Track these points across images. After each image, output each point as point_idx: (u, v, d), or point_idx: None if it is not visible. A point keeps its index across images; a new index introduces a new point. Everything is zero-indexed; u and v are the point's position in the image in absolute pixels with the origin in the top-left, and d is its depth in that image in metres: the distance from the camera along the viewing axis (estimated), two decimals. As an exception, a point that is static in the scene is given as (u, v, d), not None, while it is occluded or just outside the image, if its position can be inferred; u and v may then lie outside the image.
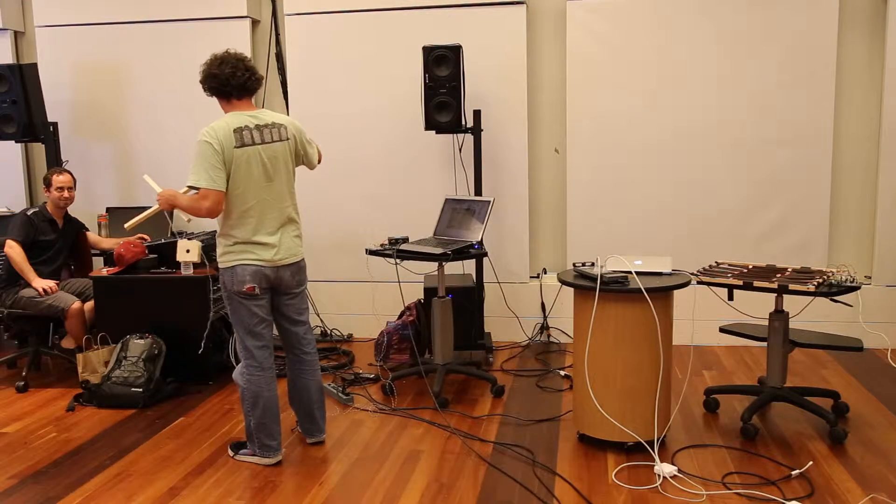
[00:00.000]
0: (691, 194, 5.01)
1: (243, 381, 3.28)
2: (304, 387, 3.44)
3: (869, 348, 4.84)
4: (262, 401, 3.26)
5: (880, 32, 4.78)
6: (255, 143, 3.12)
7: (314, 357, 3.47)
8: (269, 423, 3.28)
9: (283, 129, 3.23)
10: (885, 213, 4.81)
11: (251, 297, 3.18)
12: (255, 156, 3.12)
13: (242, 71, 3.13)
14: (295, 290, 3.34)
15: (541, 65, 5.19)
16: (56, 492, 3.11)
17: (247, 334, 3.24)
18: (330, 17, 5.23)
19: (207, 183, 3.03)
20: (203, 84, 3.17)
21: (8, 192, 5.78)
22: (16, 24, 5.69)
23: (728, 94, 4.89)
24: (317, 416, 3.50)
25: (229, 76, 3.11)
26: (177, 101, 5.51)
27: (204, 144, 3.04)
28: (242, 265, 3.15)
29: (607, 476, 3.12)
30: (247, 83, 3.16)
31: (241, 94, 3.17)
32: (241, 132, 3.09)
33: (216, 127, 3.07)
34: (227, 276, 3.18)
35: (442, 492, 3.03)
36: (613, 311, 3.26)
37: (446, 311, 4.24)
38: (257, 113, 3.19)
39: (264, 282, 3.19)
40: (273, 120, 3.21)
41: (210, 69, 3.14)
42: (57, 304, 4.39)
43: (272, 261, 3.18)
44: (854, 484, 3.00)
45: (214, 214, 3.08)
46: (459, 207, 4.34)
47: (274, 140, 3.19)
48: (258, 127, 3.15)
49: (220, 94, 3.17)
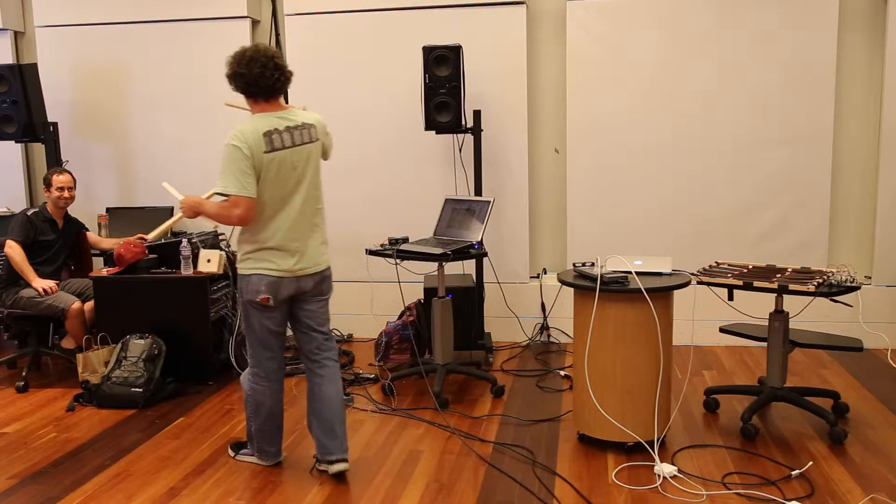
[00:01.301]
0: (691, 194, 5.01)
1: (248, 386, 3.17)
2: (325, 396, 3.15)
3: (869, 348, 4.84)
4: (264, 409, 3.16)
5: (880, 32, 4.78)
6: (285, 147, 2.93)
7: (335, 364, 3.21)
8: (270, 430, 3.21)
9: (312, 130, 3.04)
10: (885, 213, 4.80)
11: (265, 308, 3.02)
12: (286, 160, 2.94)
13: (272, 71, 2.91)
14: (317, 298, 3.14)
15: (541, 65, 5.19)
16: (56, 492, 3.11)
17: (257, 343, 3.10)
18: (330, 17, 5.23)
19: (238, 189, 2.85)
20: (229, 81, 2.97)
21: (8, 192, 5.78)
22: (16, 24, 5.69)
23: (728, 94, 4.89)
24: (338, 432, 3.15)
25: (258, 77, 2.90)
26: (177, 101, 5.51)
27: (233, 149, 2.85)
28: (259, 275, 2.98)
29: (607, 476, 3.12)
30: (276, 84, 2.94)
31: (269, 96, 2.97)
32: (270, 136, 2.90)
33: (245, 130, 2.88)
34: (243, 283, 3.04)
35: (442, 492, 3.03)
36: (613, 311, 3.26)
37: (446, 311, 4.24)
38: (286, 113, 3.00)
39: (281, 293, 3.00)
40: (303, 120, 3.02)
41: (237, 67, 2.91)
42: (57, 304, 4.39)
43: (292, 271, 3.00)
44: (854, 484, 3.00)
45: (246, 222, 2.91)
46: (459, 207, 4.34)
47: (304, 142, 3.00)
48: (288, 129, 2.96)
49: (248, 94, 2.97)
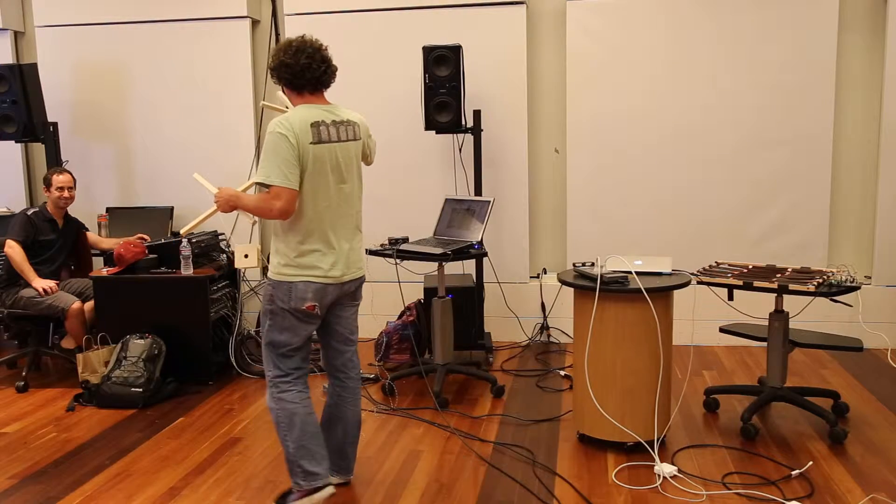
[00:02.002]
0: (691, 194, 5.01)
1: (274, 403, 2.86)
2: (343, 416, 3.04)
3: (869, 348, 4.84)
4: (297, 419, 2.83)
5: (880, 32, 4.78)
6: (331, 141, 2.77)
7: (358, 384, 3.08)
8: (310, 443, 2.84)
9: (356, 128, 2.90)
10: (885, 213, 4.80)
11: (308, 317, 2.81)
12: (331, 154, 2.78)
13: (318, 62, 2.77)
14: (351, 304, 2.99)
15: (541, 65, 5.19)
16: (56, 492, 3.11)
17: (280, 356, 2.85)
18: (330, 17, 5.23)
19: (281, 180, 2.65)
20: (273, 72, 2.81)
21: (8, 192, 5.78)
22: (16, 24, 5.69)
23: (728, 94, 4.90)
24: (349, 453, 3.08)
25: (305, 68, 2.75)
26: (177, 101, 5.51)
27: (278, 137, 2.66)
28: (306, 282, 2.76)
29: (607, 476, 3.12)
30: (322, 76, 2.81)
31: (315, 89, 2.82)
32: (318, 127, 2.74)
33: (292, 119, 2.70)
34: (281, 291, 2.77)
35: (442, 492, 3.03)
36: (613, 311, 3.26)
37: (446, 311, 4.24)
38: (331, 108, 2.85)
39: (326, 300, 2.83)
40: (348, 117, 2.88)
41: (283, 57, 2.77)
42: (57, 304, 4.39)
43: (337, 277, 2.82)
44: (854, 484, 3.00)
45: (286, 216, 2.71)
46: (459, 207, 4.34)
47: (349, 139, 2.85)
48: (335, 123, 2.80)
49: (292, 86, 2.81)
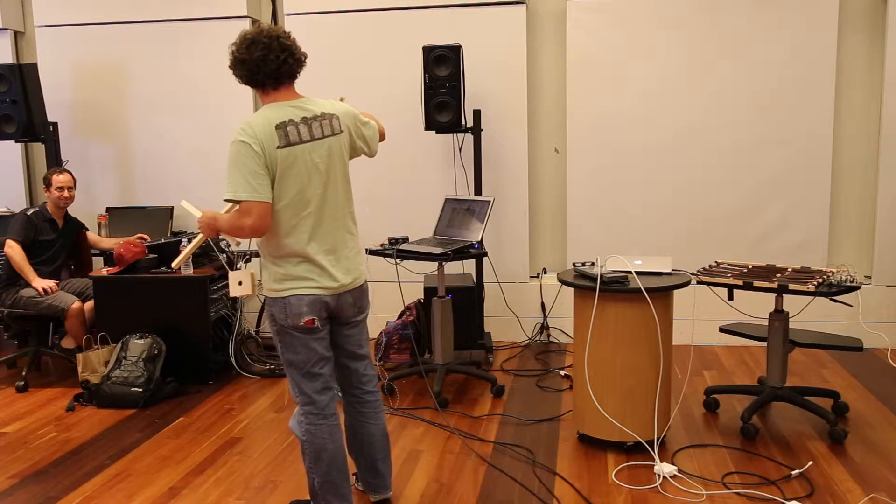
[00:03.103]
0: (691, 194, 5.01)
1: (301, 431, 2.68)
2: (367, 434, 2.85)
3: (869, 348, 4.83)
4: (326, 455, 2.66)
5: (880, 32, 4.78)
6: (302, 141, 2.52)
7: (377, 398, 2.88)
8: (337, 479, 2.69)
9: (334, 121, 2.62)
10: (885, 213, 4.80)
11: (311, 332, 2.61)
12: (304, 157, 2.52)
13: (277, 52, 2.50)
14: (356, 318, 2.75)
15: (541, 65, 5.19)
16: (56, 492, 3.11)
17: (303, 376, 2.64)
18: (330, 17, 5.23)
19: (248, 194, 2.42)
20: (232, 72, 2.58)
21: (8, 192, 5.78)
22: (16, 24, 5.69)
23: (728, 94, 4.90)
24: (381, 470, 2.90)
25: (260, 61, 2.49)
26: (176, 101, 5.51)
27: (240, 146, 2.43)
28: (298, 296, 2.56)
29: (607, 476, 3.12)
30: (282, 68, 2.52)
31: (277, 83, 2.56)
32: (284, 128, 2.49)
33: (253, 123, 2.47)
34: (277, 308, 2.58)
35: (442, 492, 3.03)
36: (613, 311, 3.26)
37: (446, 311, 4.24)
38: (302, 102, 2.58)
39: (324, 311, 2.62)
40: (322, 110, 2.60)
41: (238, 54, 2.52)
42: (57, 304, 4.39)
43: (331, 288, 2.60)
44: (854, 484, 3.00)
45: (261, 232, 2.49)
46: (459, 207, 4.34)
47: (325, 135, 2.58)
48: (305, 120, 2.54)
49: (253, 83, 2.56)
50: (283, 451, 3.44)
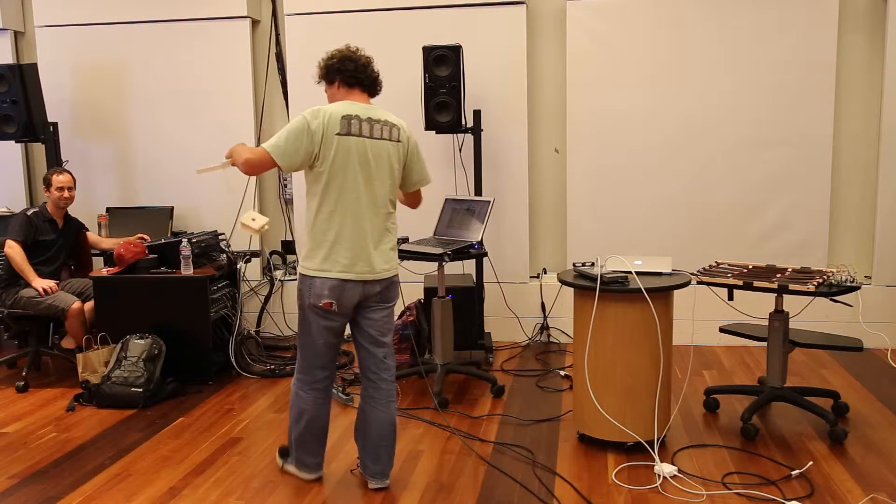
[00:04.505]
0: (691, 194, 5.01)
1: (293, 391, 3.03)
2: (376, 420, 2.99)
3: (869, 348, 4.84)
4: (305, 418, 3.00)
5: (880, 32, 4.78)
6: (361, 135, 2.82)
7: (391, 386, 3.03)
8: (310, 441, 3.05)
9: (395, 130, 2.93)
10: (885, 213, 4.81)
11: (327, 314, 2.85)
12: (359, 148, 2.82)
13: (373, 69, 2.96)
14: (380, 305, 2.96)
15: (541, 65, 5.19)
16: (56, 492, 3.11)
17: (310, 350, 2.94)
18: (330, 17, 5.23)
19: (271, 146, 2.75)
20: (332, 66, 2.93)
21: (8, 192, 5.79)
22: (16, 24, 5.69)
23: (728, 93, 4.90)
24: (382, 457, 3.03)
25: (366, 65, 2.92)
26: (177, 101, 5.52)
27: (300, 119, 2.77)
28: (323, 278, 2.81)
29: (607, 476, 3.12)
30: (377, 81, 2.97)
31: (367, 89, 2.94)
32: (349, 119, 2.81)
33: (324, 109, 2.81)
34: (304, 285, 2.86)
35: (442, 492, 3.03)
36: (613, 311, 3.26)
37: (446, 311, 4.24)
38: (371, 108, 2.90)
39: (345, 298, 2.83)
40: (387, 118, 2.92)
41: (347, 53, 2.92)
42: (57, 304, 4.39)
43: (359, 274, 2.83)
44: (854, 484, 3.00)
45: (249, 171, 2.78)
46: (459, 207, 4.34)
47: (384, 137, 2.89)
48: (370, 120, 2.86)
49: (350, 80, 2.91)
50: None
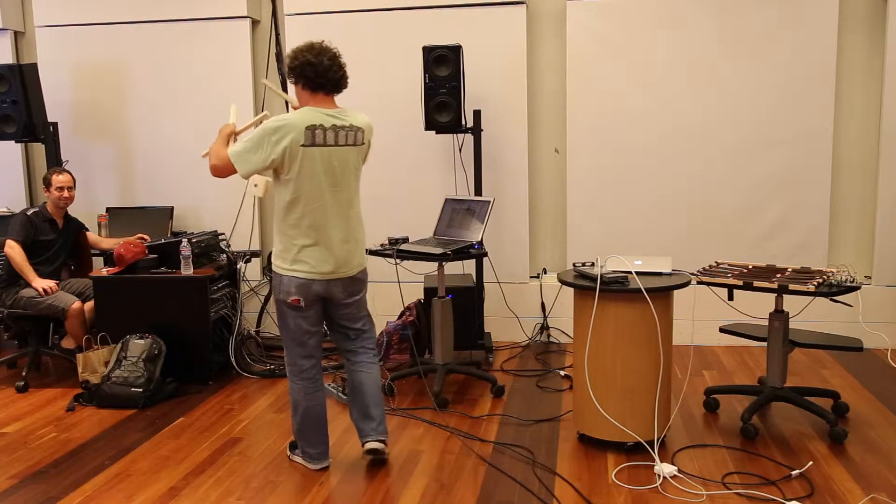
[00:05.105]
0: (691, 194, 5.01)
1: (289, 385, 3.21)
2: (359, 382, 3.24)
3: (869, 348, 4.84)
4: (300, 408, 3.16)
5: (880, 32, 4.78)
6: (326, 145, 2.93)
7: (370, 350, 3.28)
8: (309, 432, 3.20)
9: (359, 134, 3.04)
10: (885, 213, 4.81)
11: (297, 309, 3.04)
12: (324, 157, 2.93)
13: (338, 67, 2.95)
14: (348, 300, 3.15)
15: (541, 65, 5.19)
16: (56, 492, 3.11)
17: (291, 342, 3.12)
18: (330, 17, 5.23)
19: (235, 155, 2.89)
20: (293, 71, 2.96)
21: (8, 192, 5.78)
22: (16, 24, 5.69)
23: (728, 94, 4.90)
24: (373, 414, 3.23)
25: (327, 69, 2.92)
26: (177, 101, 5.52)
27: (266, 129, 2.86)
28: (290, 276, 3.00)
29: (607, 476, 3.12)
30: (340, 80, 2.98)
31: (330, 91, 2.98)
32: (313, 130, 2.89)
33: (289, 118, 2.88)
34: (276, 282, 3.06)
35: (442, 492, 3.03)
36: (613, 311, 3.26)
37: (446, 311, 4.24)
38: (338, 112, 2.98)
39: (311, 295, 3.03)
40: (352, 122, 3.01)
41: (308, 55, 2.92)
42: (57, 304, 4.39)
43: (324, 273, 3.01)
44: (854, 484, 3.00)
45: (214, 174, 2.96)
46: (459, 207, 4.34)
47: (348, 144, 3.00)
48: (335, 128, 2.94)
49: (311, 84, 2.95)
50: (284, 451, 3.44)
